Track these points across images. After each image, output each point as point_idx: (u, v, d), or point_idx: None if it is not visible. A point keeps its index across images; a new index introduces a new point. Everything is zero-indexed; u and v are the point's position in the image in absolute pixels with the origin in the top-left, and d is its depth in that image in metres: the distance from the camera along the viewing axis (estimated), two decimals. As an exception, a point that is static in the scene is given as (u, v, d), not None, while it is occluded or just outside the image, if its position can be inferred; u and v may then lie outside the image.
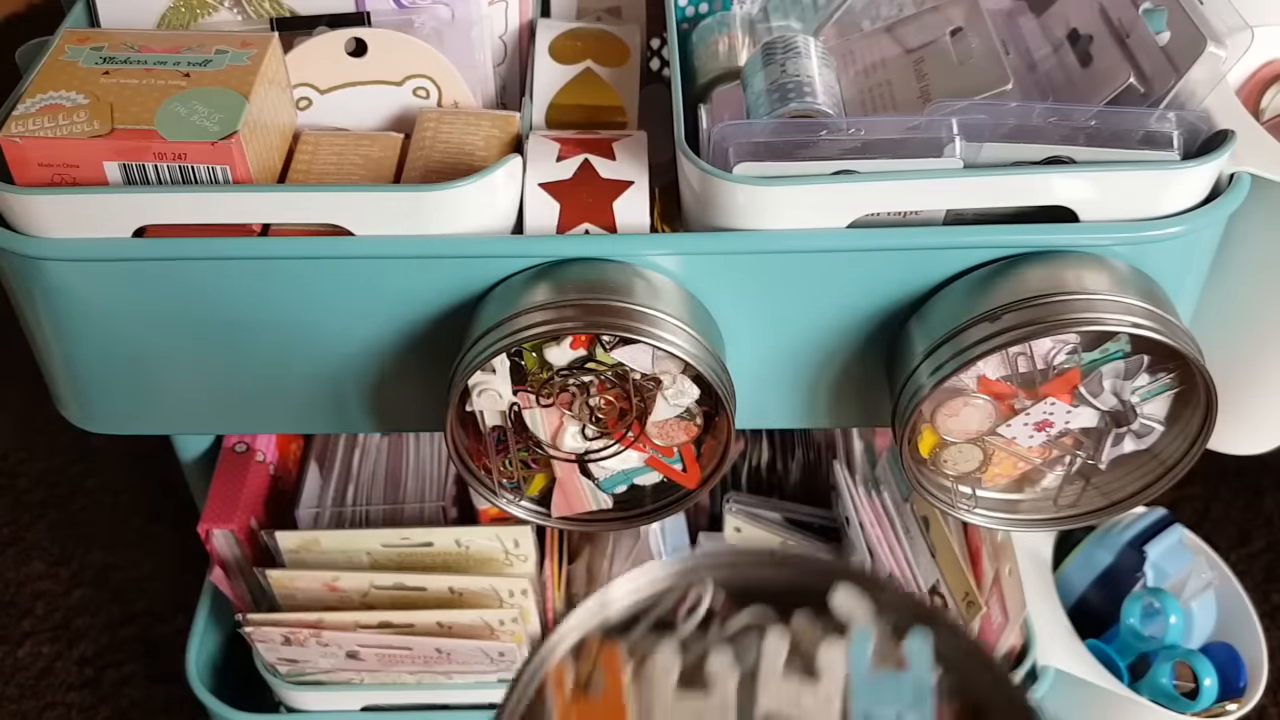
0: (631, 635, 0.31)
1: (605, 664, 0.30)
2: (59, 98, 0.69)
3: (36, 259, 0.69)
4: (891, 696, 0.29)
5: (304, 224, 0.69)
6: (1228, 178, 0.69)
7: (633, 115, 0.79)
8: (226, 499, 0.94)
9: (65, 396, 0.79)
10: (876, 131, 0.67)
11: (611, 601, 0.32)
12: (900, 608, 0.31)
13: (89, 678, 1.16)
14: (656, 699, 0.30)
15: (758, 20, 0.79)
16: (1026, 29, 0.76)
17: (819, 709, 0.29)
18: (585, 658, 0.30)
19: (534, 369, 0.70)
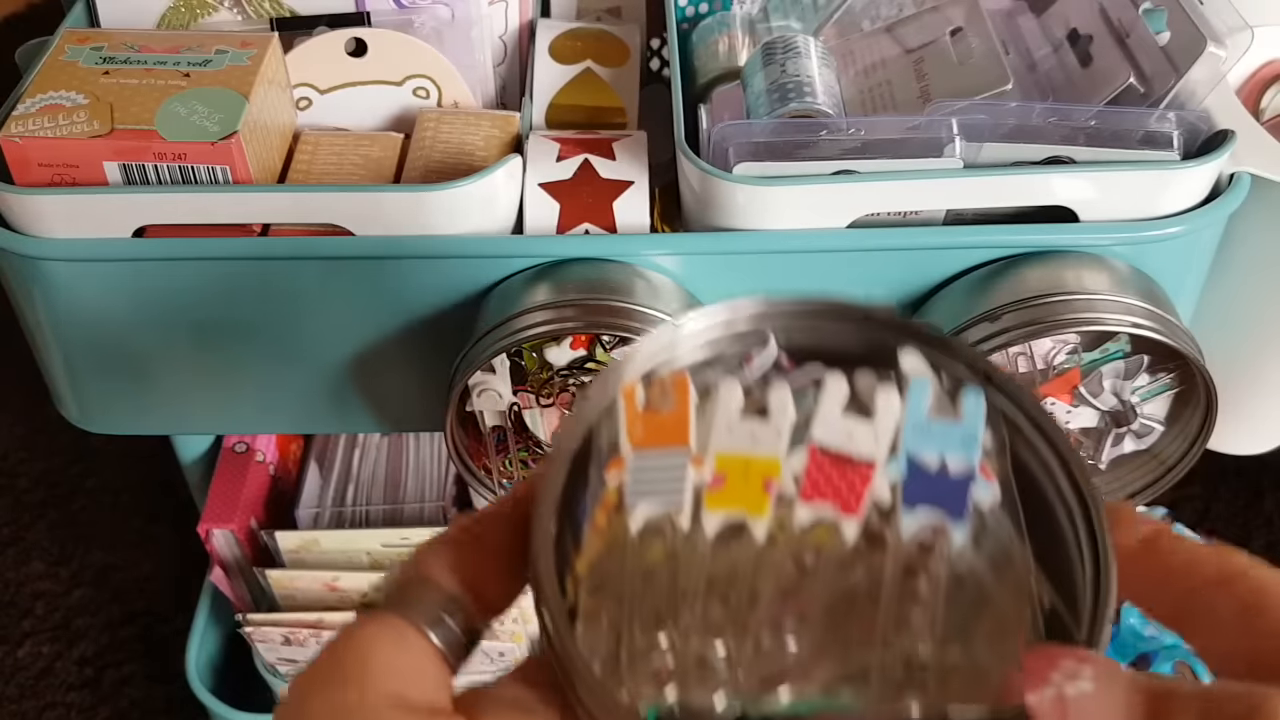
0: (699, 373, 0.33)
1: (675, 389, 0.32)
2: (59, 98, 0.69)
3: (36, 259, 0.69)
4: (939, 441, 0.31)
5: (304, 224, 0.69)
6: (1228, 178, 0.69)
7: (633, 115, 0.79)
8: (226, 499, 0.94)
9: (65, 396, 0.79)
10: (876, 131, 0.67)
11: (679, 340, 0.34)
12: (967, 365, 0.33)
13: (89, 678, 1.16)
14: (718, 419, 0.32)
15: (758, 20, 0.79)
16: (1026, 29, 0.75)
17: (868, 444, 0.31)
18: (655, 384, 0.32)
19: (534, 369, 0.70)
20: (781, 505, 0.31)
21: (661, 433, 0.31)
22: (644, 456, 0.31)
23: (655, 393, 0.32)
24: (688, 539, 0.30)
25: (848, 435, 0.31)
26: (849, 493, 0.31)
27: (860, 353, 0.33)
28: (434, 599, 0.31)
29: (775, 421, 0.31)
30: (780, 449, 0.31)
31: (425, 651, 0.31)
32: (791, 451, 0.31)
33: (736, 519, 0.30)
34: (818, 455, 0.31)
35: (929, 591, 0.30)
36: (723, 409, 0.32)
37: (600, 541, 0.31)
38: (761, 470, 0.31)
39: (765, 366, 0.34)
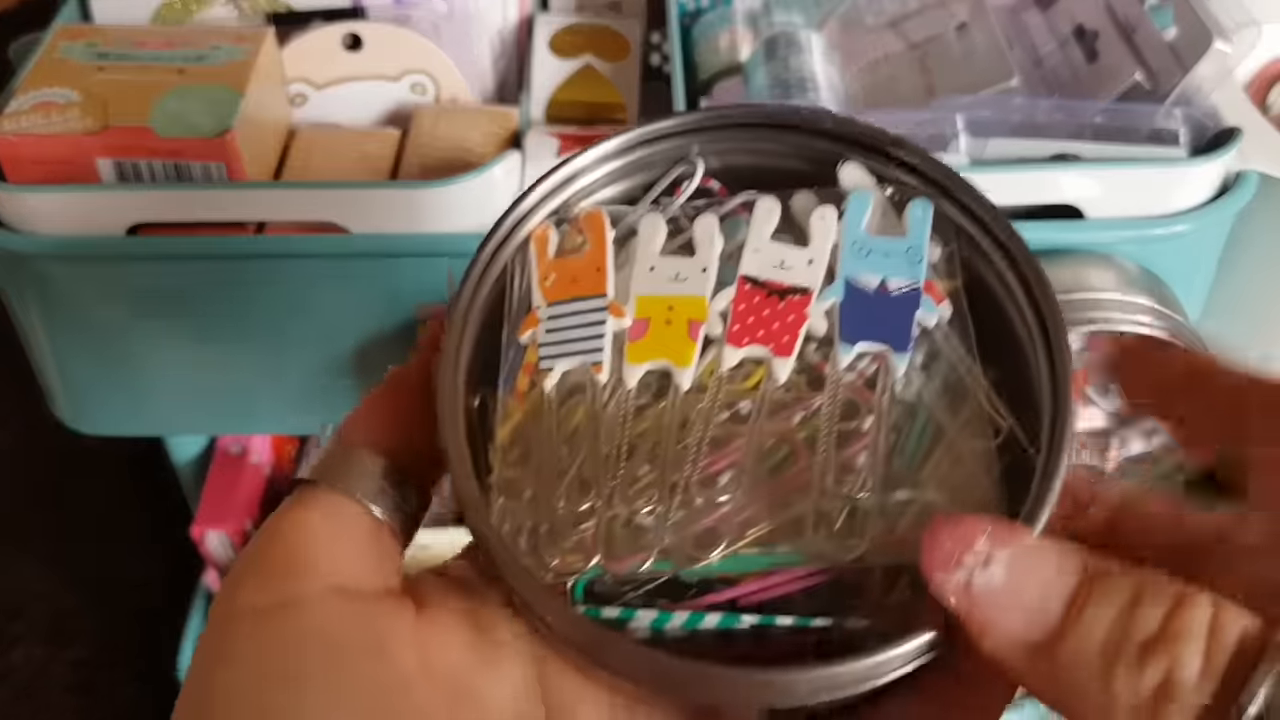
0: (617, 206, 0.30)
1: (589, 226, 0.30)
2: (52, 94, 0.68)
3: (29, 257, 0.68)
4: (881, 262, 0.28)
5: (300, 221, 0.69)
6: (1235, 175, 0.68)
7: (633, 111, 0.78)
8: (220, 501, 0.94)
9: (58, 397, 0.78)
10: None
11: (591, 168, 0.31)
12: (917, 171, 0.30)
13: (82, 680, 1.15)
14: (639, 258, 0.29)
15: (760, 15, 0.79)
16: (1032, 24, 0.75)
17: (802, 272, 0.28)
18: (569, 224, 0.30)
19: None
20: (708, 349, 0.29)
21: (576, 279, 0.29)
22: (559, 309, 0.29)
23: (569, 235, 0.30)
24: (609, 395, 0.28)
25: (779, 263, 0.29)
26: (781, 332, 0.28)
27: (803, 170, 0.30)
28: (371, 468, 0.29)
29: (701, 255, 0.29)
30: (706, 287, 0.29)
31: (368, 528, 0.28)
32: (719, 289, 0.29)
33: (660, 369, 0.28)
34: (747, 290, 0.29)
35: (873, 430, 0.27)
36: (644, 246, 0.29)
37: (521, 407, 0.28)
38: (685, 312, 0.29)
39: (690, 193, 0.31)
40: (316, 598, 0.26)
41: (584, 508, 0.27)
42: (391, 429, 0.30)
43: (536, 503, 0.28)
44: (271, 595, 0.27)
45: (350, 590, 0.27)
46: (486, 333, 0.30)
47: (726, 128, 0.31)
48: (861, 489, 0.27)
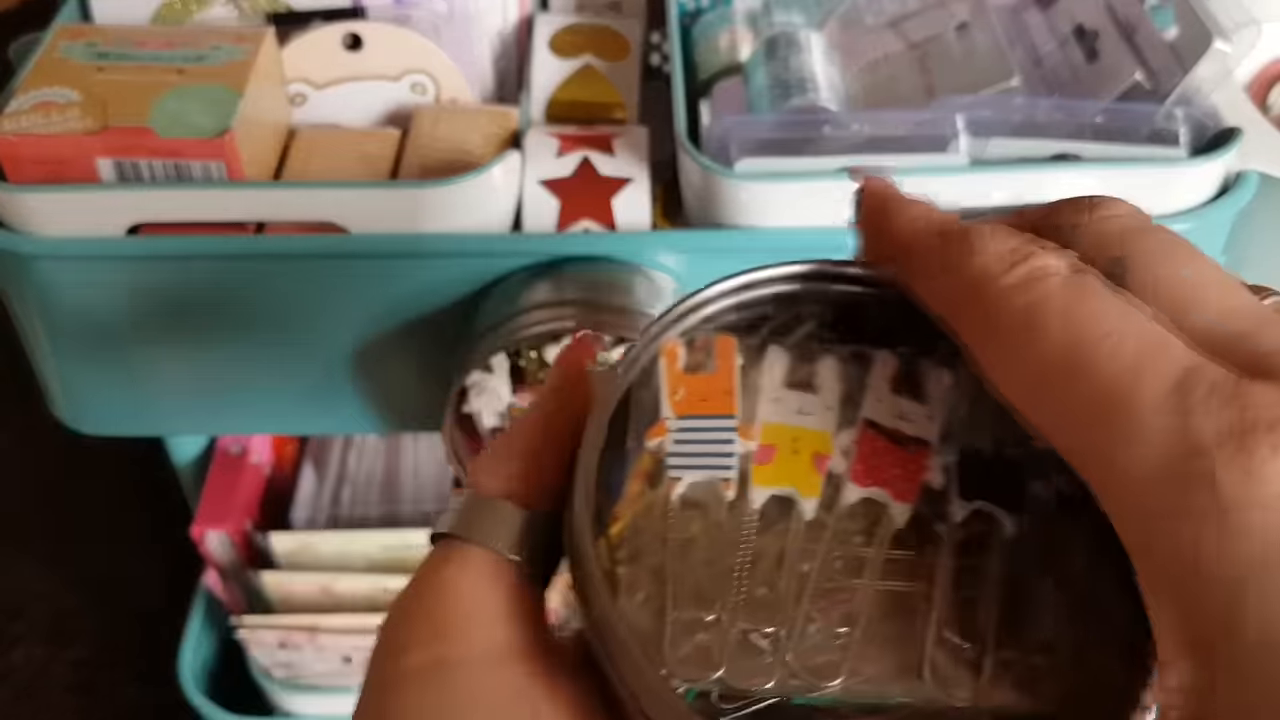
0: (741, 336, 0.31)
1: (719, 350, 0.31)
2: (52, 94, 0.68)
3: (29, 257, 0.68)
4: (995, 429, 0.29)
5: (300, 221, 0.69)
6: (1235, 175, 0.68)
7: (633, 111, 0.78)
8: (220, 501, 0.93)
9: (57, 397, 0.78)
10: (880, 127, 0.67)
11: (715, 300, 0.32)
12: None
13: (82, 681, 1.15)
14: (764, 385, 0.30)
15: (760, 15, 0.79)
16: (1032, 24, 0.75)
17: (922, 426, 0.30)
18: (698, 344, 0.31)
19: (533, 369, 0.69)
20: (831, 483, 0.29)
21: (705, 398, 0.30)
22: (687, 422, 0.30)
23: (698, 353, 0.31)
24: (731, 512, 0.29)
25: (899, 414, 0.30)
26: (904, 479, 0.29)
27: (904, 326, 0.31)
28: (510, 520, 0.29)
29: (824, 395, 0.30)
30: (830, 423, 0.30)
31: (513, 584, 0.28)
32: (840, 429, 0.30)
33: (786, 495, 0.29)
34: (870, 434, 0.30)
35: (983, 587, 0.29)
36: (768, 377, 0.30)
37: (633, 510, 0.29)
38: (812, 445, 0.30)
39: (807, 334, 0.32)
40: (476, 662, 0.27)
41: (701, 619, 0.28)
42: (527, 477, 0.30)
43: (650, 606, 0.28)
44: (431, 657, 0.27)
45: (506, 653, 0.27)
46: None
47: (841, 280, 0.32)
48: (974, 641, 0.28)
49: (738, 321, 0.32)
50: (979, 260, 0.25)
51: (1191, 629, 0.21)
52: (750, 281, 0.32)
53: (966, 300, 0.25)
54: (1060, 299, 0.23)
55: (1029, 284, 0.24)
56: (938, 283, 0.27)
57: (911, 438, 0.30)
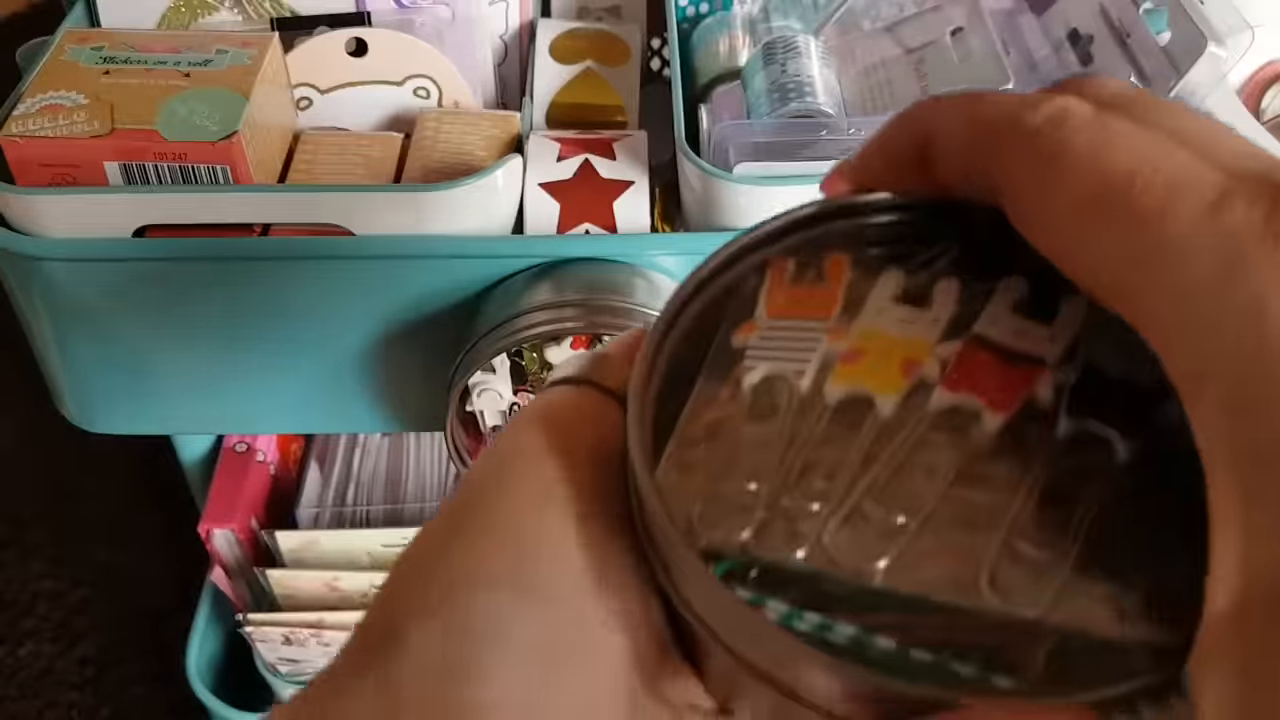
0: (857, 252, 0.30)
1: (830, 268, 0.29)
2: (59, 98, 0.69)
3: (37, 259, 0.69)
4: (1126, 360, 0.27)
5: (304, 224, 0.69)
6: (1228, 178, 0.69)
7: (633, 115, 0.79)
8: (227, 499, 0.94)
9: (65, 396, 0.79)
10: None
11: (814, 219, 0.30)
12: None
13: (90, 677, 1.16)
14: (871, 300, 0.28)
15: (758, 20, 0.79)
16: (1027, 29, 0.75)
17: (1040, 344, 0.27)
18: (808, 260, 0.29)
19: (534, 369, 0.70)
20: (918, 390, 0.27)
21: (803, 304, 0.28)
22: (779, 323, 0.28)
23: (808, 269, 0.29)
24: (804, 404, 0.27)
25: (1017, 332, 0.27)
26: (1002, 388, 0.27)
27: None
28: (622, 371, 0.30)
29: (935, 310, 0.28)
30: (931, 334, 0.28)
31: (618, 420, 0.29)
32: (946, 342, 0.28)
33: (863, 395, 0.27)
34: (975, 346, 0.27)
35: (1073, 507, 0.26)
36: (878, 290, 0.29)
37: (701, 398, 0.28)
38: (904, 352, 0.28)
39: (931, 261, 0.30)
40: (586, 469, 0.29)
41: (748, 494, 0.26)
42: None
43: (701, 483, 0.27)
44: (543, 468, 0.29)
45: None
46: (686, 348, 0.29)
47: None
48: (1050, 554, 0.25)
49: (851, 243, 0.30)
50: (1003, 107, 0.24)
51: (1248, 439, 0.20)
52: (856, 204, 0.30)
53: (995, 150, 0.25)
54: (1086, 134, 0.23)
55: (1054, 123, 0.23)
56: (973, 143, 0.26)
57: (1024, 354, 0.27)
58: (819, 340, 0.28)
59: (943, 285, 0.29)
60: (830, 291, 0.29)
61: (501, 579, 0.27)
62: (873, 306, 0.28)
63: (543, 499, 0.28)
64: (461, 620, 0.27)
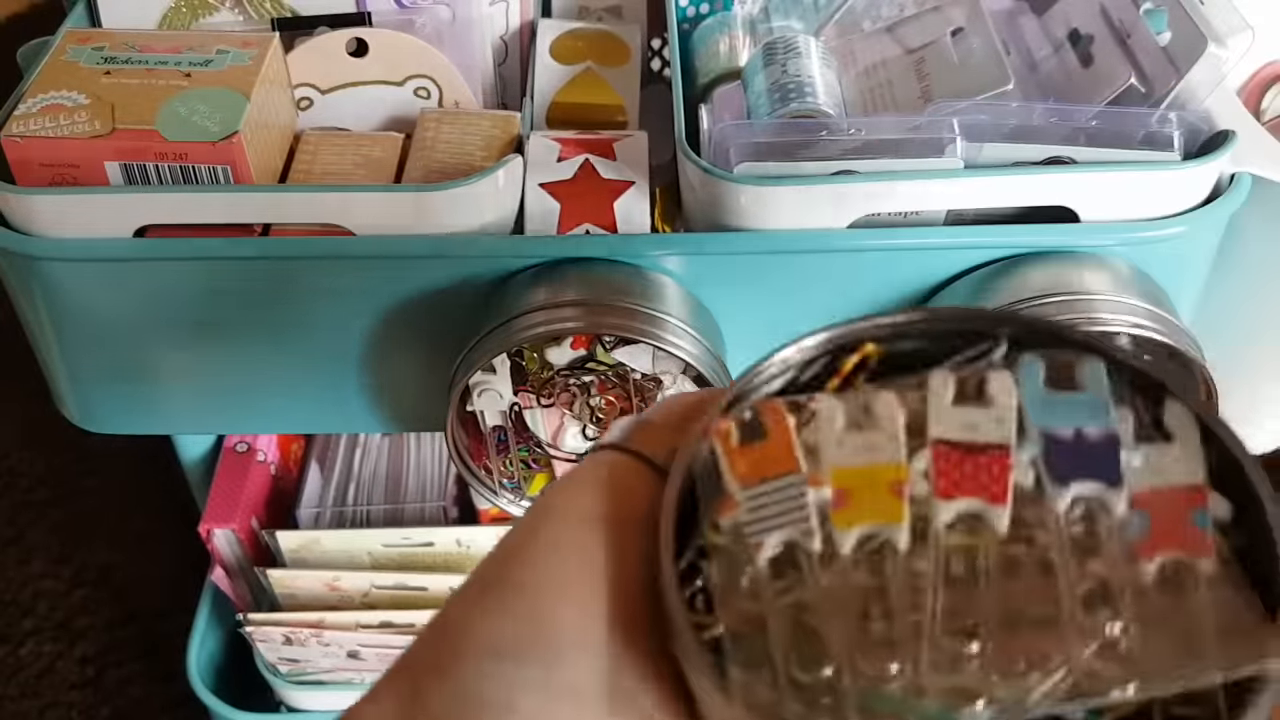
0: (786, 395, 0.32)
1: (767, 416, 0.31)
2: (60, 98, 0.69)
3: (37, 259, 0.69)
4: (1069, 414, 0.29)
5: (305, 224, 0.69)
6: (1228, 178, 0.69)
7: (633, 115, 0.79)
8: (227, 499, 0.94)
9: (66, 396, 0.79)
10: (877, 131, 0.67)
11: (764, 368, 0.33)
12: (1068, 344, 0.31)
13: (90, 677, 1.16)
14: (823, 438, 0.30)
15: (758, 20, 0.79)
16: (1027, 29, 0.75)
17: (993, 430, 0.29)
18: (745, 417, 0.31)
19: (535, 369, 0.70)
20: (917, 507, 0.29)
21: (767, 463, 0.30)
22: (756, 489, 0.29)
23: (748, 426, 0.30)
24: (824, 562, 0.29)
25: (969, 426, 0.29)
26: (992, 482, 0.28)
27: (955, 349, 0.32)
28: (667, 441, 0.32)
29: (886, 427, 0.30)
30: (900, 454, 0.29)
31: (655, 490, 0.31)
32: (916, 455, 0.29)
33: (873, 532, 0.29)
34: (943, 450, 0.29)
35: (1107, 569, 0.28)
36: (825, 426, 0.30)
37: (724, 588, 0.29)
38: (887, 477, 0.29)
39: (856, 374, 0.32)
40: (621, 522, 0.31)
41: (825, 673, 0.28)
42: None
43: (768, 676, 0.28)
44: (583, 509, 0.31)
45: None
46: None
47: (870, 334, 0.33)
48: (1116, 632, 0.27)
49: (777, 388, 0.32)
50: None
51: None
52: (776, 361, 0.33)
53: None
54: None
55: None
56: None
57: (987, 444, 0.29)
58: (804, 493, 0.29)
59: (880, 401, 0.30)
60: (782, 442, 0.30)
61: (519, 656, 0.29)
62: (829, 443, 0.30)
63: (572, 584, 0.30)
64: (475, 689, 0.29)
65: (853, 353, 0.32)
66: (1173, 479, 0.28)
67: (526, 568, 0.30)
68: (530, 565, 0.30)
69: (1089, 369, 0.30)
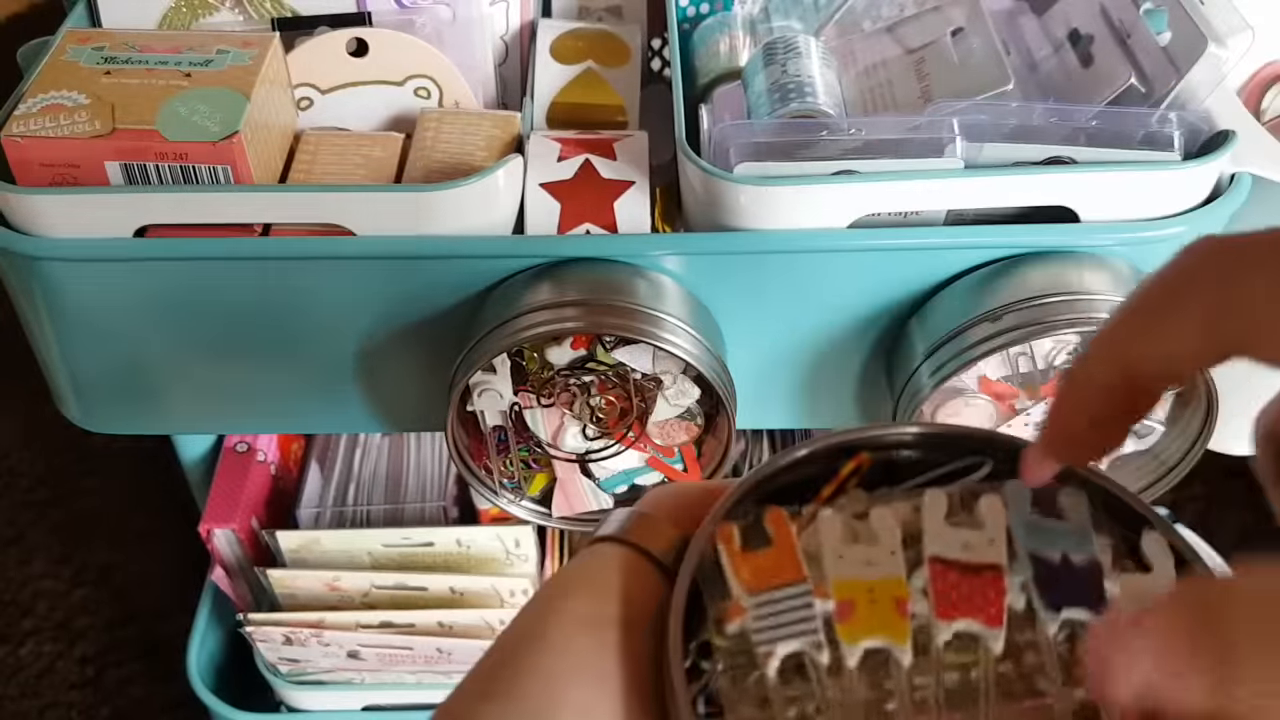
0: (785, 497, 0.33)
1: (770, 522, 0.32)
2: (60, 98, 0.69)
3: (37, 259, 0.69)
4: (1056, 541, 0.31)
5: (305, 224, 0.69)
6: (1228, 178, 0.69)
7: (634, 115, 0.79)
8: (227, 499, 0.94)
9: (66, 396, 0.79)
10: (877, 131, 0.67)
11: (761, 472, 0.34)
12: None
13: (90, 677, 1.16)
14: (826, 547, 0.31)
15: (759, 20, 0.79)
16: (1027, 29, 0.75)
17: (985, 549, 0.31)
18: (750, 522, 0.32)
19: (535, 369, 0.70)
20: (917, 622, 0.30)
21: (772, 570, 0.31)
22: (762, 596, 0.30)
23: (753, 530, 0.32)
24: (831, 673, 0.30)
25: (964, 546, 0.31)
26: (987, 605, 0.30)
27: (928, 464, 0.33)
28: (666, 534, 0.33)
29: (885, 542, 0.31)
30: (899, 568, 0.31)
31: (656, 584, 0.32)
32: (915, 572, 0.31)
33: (878, 647, 0.30)
34: (940, 569, 0.30)
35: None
36: (826, 537, 0.31)
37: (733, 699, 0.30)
38: (889, 592, 0.30)
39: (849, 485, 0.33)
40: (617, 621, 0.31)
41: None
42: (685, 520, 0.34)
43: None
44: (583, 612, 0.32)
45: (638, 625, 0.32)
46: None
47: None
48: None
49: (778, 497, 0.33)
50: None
51: None
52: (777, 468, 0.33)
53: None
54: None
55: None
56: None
57: (980, 564, 0.30)
58: (812, 604, 0.30)
59: (876, 515, 0.32)
60: (787, 550, 0.31)
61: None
62: (830, 555, 0.31)
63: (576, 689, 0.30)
64: None
65: (849, 458, 0.33)
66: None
67: (530, 675, 0.30)
68: (533, 672, 0.30)
69: (1071, 497, 0.31)
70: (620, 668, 0.30)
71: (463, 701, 0.31)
